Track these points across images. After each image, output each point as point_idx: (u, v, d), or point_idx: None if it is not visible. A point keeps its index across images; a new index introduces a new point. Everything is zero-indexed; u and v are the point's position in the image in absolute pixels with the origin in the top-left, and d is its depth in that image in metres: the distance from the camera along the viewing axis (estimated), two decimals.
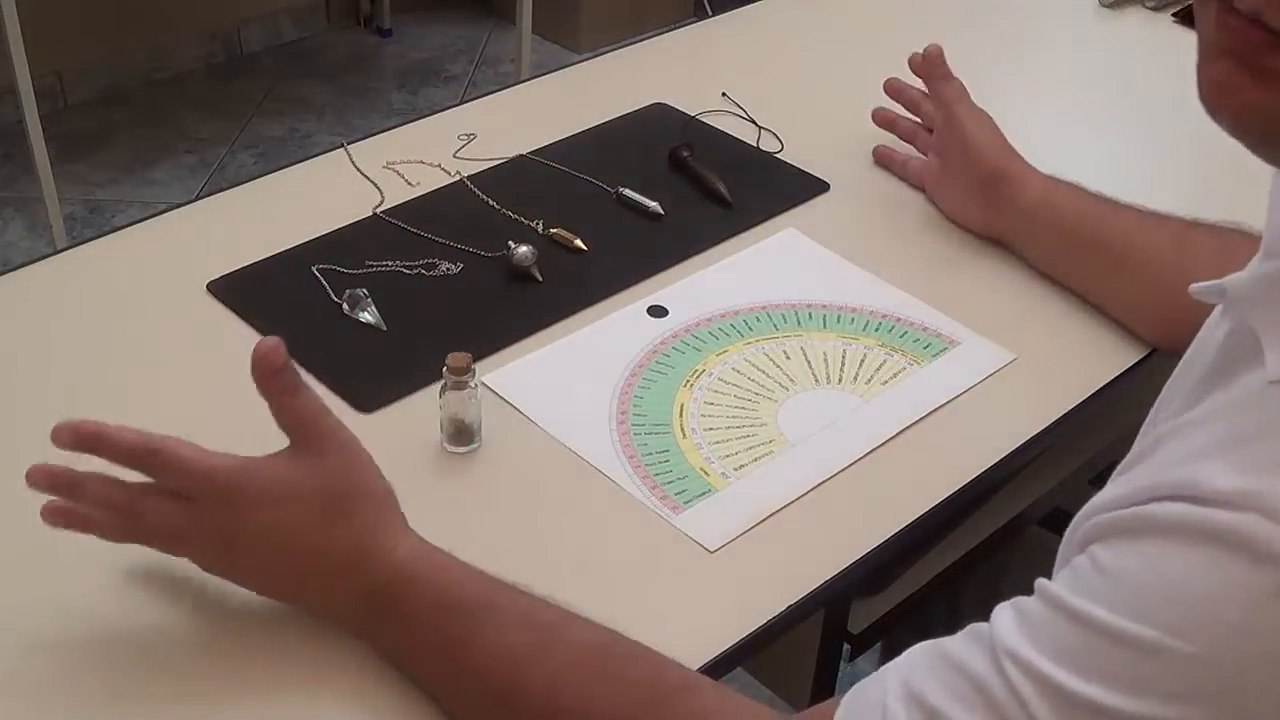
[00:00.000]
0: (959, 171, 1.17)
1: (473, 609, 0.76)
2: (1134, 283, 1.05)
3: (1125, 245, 1.06)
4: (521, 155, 1.29)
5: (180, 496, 0.77)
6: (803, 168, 1.28)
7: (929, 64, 1.20)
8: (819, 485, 0.94)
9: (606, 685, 0.72)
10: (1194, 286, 0.65)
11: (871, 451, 0.97)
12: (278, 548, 0.77)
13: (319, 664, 0.80)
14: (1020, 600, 0.60)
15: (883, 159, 1.27)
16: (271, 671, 0.80)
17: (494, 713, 0.75)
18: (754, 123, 1.36)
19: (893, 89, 1.28)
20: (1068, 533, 0.63)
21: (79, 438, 0.76)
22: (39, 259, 1.15)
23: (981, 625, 0.60)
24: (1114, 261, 1.07)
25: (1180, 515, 0.54)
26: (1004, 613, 0.60)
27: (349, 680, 0.79)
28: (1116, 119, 1.41)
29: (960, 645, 0.60)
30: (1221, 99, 0.57)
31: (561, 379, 1.02)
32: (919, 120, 1.26)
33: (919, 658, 0.62)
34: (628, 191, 1.23)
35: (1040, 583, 0.59)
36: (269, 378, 0.77)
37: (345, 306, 1.07)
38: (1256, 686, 0.51)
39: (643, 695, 0.72)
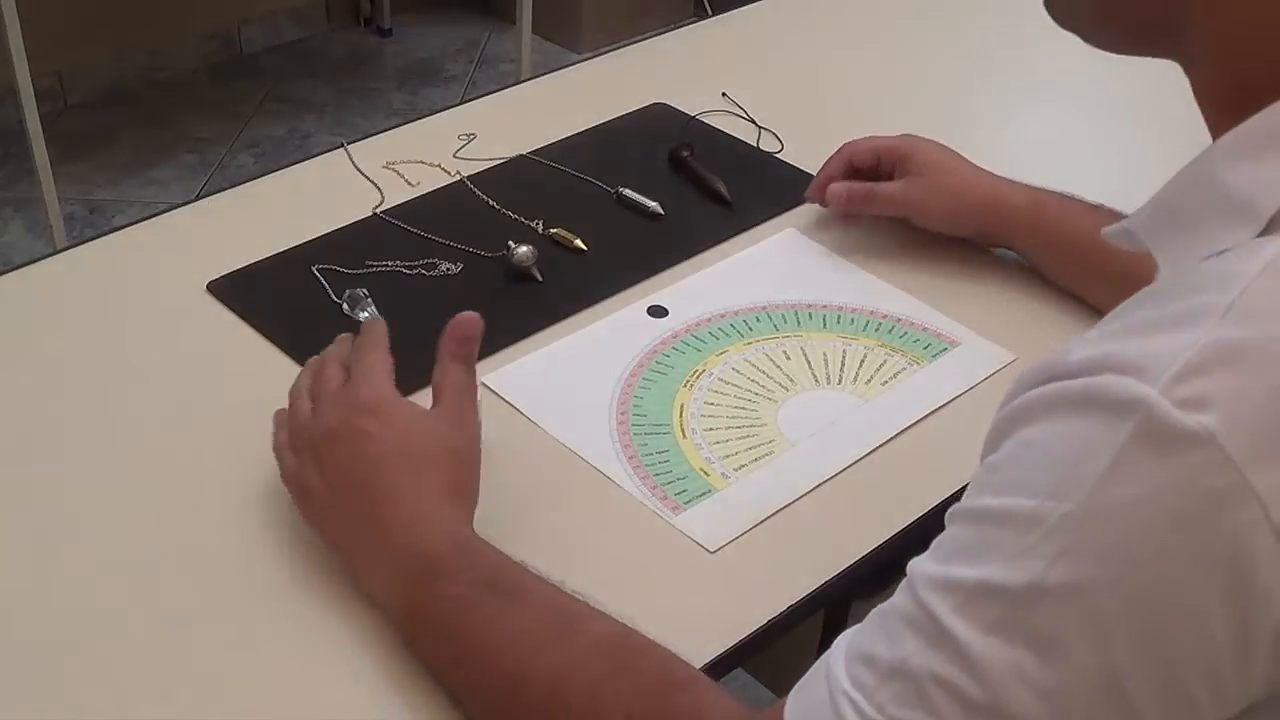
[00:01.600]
0: (941, 201, 1.14)
1: (505, 588, 0.78)
2: None
3: (1129, 262, 1.05)
4: (521, 155, 1.29)
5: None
6: (803, 168, 1.28)
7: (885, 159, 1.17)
8: (819, 485, 0.94)
9: (614, 678, 0.73)
10: (1105, 230, 0.68)
11: (871, 452, 0.97)
12: (359, 455, 0.82)
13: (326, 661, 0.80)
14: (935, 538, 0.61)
15: (841, 201, 1.17)
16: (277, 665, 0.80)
17: (499, 696, 0.75)
18: (754, 123, 1.36)
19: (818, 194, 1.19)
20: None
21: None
22: (39, 259, 1.16)
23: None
24: (1119, 279, 1.06)
25: (1045, 394, 0.56)
26: (921, 555, 0.61)
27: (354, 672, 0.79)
28: (1117, 119, 1.41)
29: (889, 599, 0.62)
30: None
31: (561, 379, 1.02)
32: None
33: (857, 625, 0.63)
34: (628, 191, 1.23)
35: (948, 510, 0.61)
36: (455, 341, 0.87)
37: (345, 306, 1.07)
38: (1130, 531, 0.53)
39: (647, 688, 0.73)
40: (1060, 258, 1.11)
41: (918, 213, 1.15)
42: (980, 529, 0.57)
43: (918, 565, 0.60)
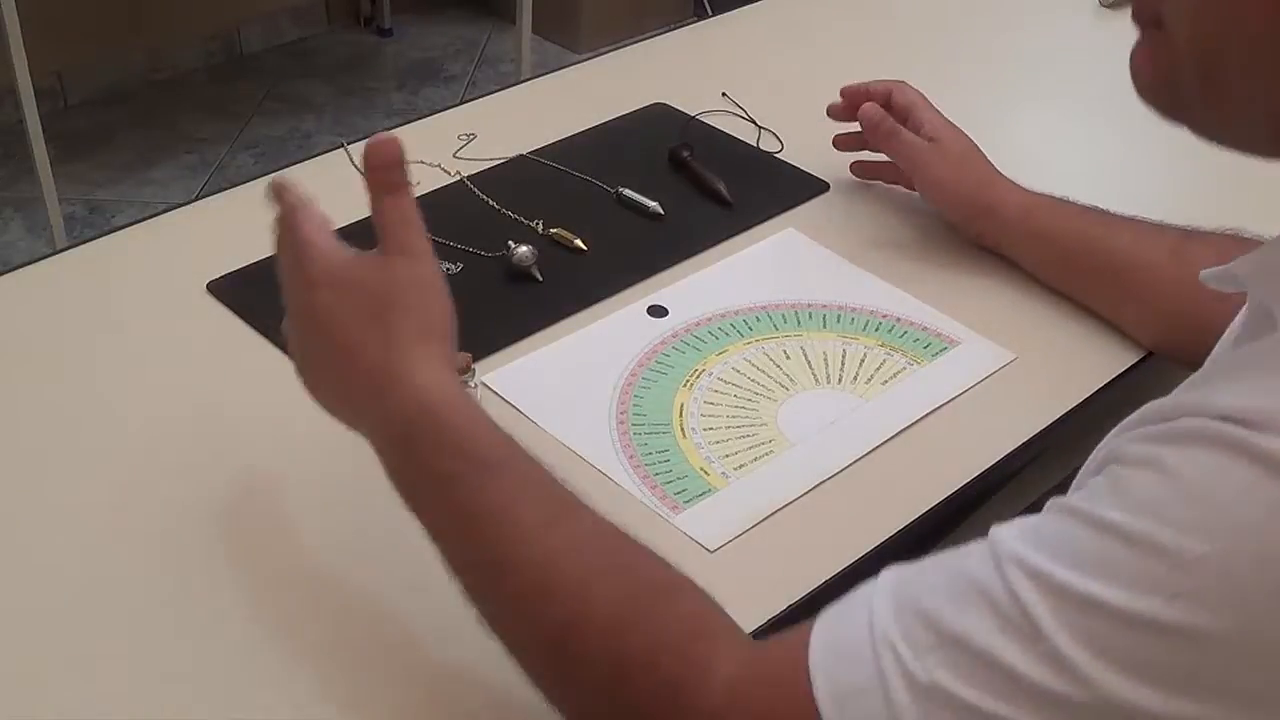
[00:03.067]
0: (948, 176, 1.15)
1: (489, 464, 0.72)
2: (1132, 298, 1.06)
3: (1121, 264, 1.05)
4: (521, 155, 1.29)
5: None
6: (803, 168, 1.28)
7: (899, 113, 1.17)
8: (819, 485, 0.94)
9: (603, 574, 0.69)
10: (1204, 273, 0.65)
11: (871, 451, 0.97)
12: (321, 330, 0.78)
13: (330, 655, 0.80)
14: (1024, 518, 0.59)
15: (871, 122, 1.18)
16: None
17: (489, 578, 0.71)
18: (754, 123, 1.36)
19: (848, 102, 1.21)
20: (1085, 465, 0.63)
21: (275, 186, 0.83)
22: (39, 259, 1.16)
23: (974, 543, 0.59)
24: (1110, 280, 1.07)
25: (1200, 427, 0.54)
26: (1006, 526, 0.59)
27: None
28: (1116, 119, 1.41)
29: (953, 554, 0.59)
30: (1132, 73, 0.62)
31: (561, 379, 1.02)
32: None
33: (912, 571, 0.60)
34: (628, 191, 1.23)
35: (1052, 500, 0.59)
36: (378, 171, 0.78)
37: None
38: (1266, 591, 0.51)
39: (643, 582, 0.69)
40: (1051, 260, 1.11)
41: (923, 177, 1.15)
42: (1099, 538, 0.55)
43: (1009, 543, 0.57)
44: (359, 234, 1.16)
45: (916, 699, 0.56)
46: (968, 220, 1.15)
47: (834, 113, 1.22)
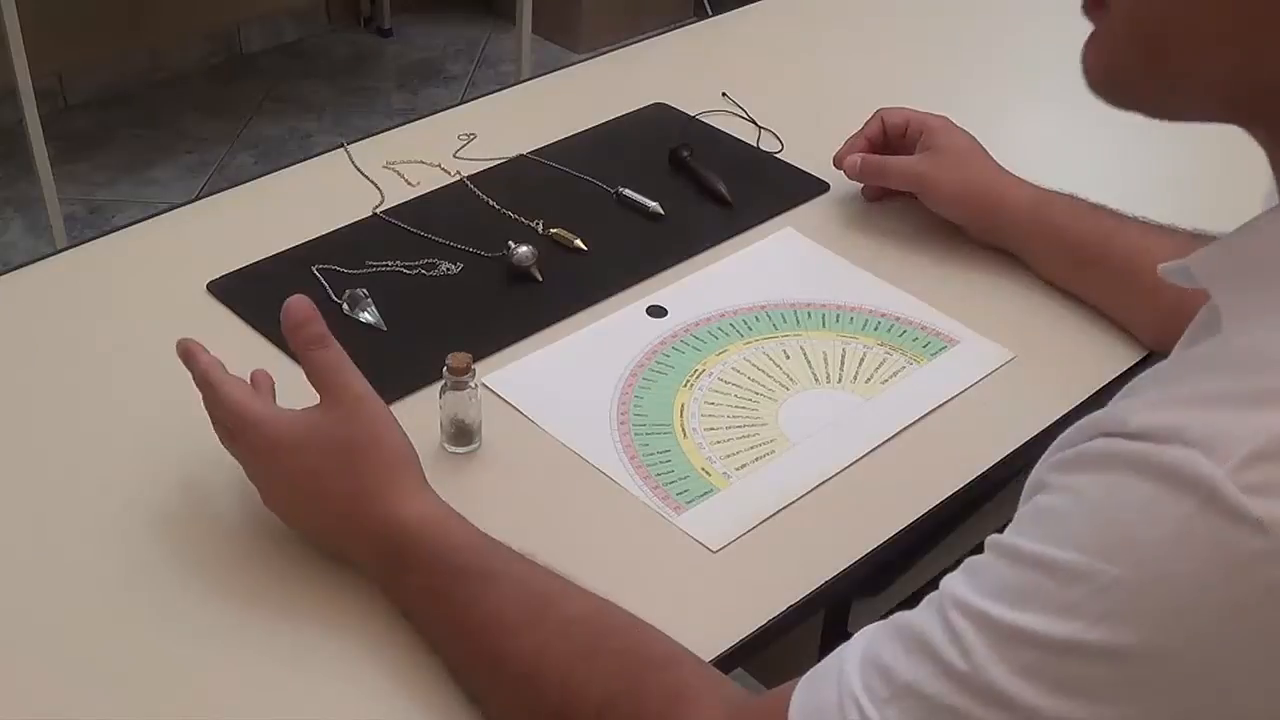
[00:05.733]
0: (948, 181, 1.16)
1: (472, 575, 0.78)
2: (1140, 297, 1.05)
3: (1131, 263, 1.05)
4: (521, 155, 1.29)
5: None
6: (803, 168, 1.28)
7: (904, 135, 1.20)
8: (820, 485, 0.94)
9: (589, 658, 0.74)
10: (1162, 267, 0.66)
11: (871, 451, 0.97)
12: (297, 490, 0.83)
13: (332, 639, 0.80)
14: (969, 559, 0.61)
15: (855, 171, 1.20)
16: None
17: (483, 676, 0.77)
18: (754, 123, 1.36)
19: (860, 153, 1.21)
20: (1024, 493, 0.64)
21: (180, 349, 0.88)
22: (39, 259, 1.16)
23: (929, 595, 0.62)
24: (1119, 278, 1.07)
25: (1107, 448, 0.55)
26: (953, 572, 0.61)
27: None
28: (1117, 120, 1.40)
29: (915, 610, 0.61)
30: (1083, 69, 0.66)
31: (561, 379, 1.02)
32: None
33: (877, 628, 0.63)
34: (628, 191, 1.23)
35: (989, 537, 0.60)
36: (295, 330, 0.84)
37: (345, 306, 1.07)
38: (1177, 607, 0.52)
39: (622, 668, 0.73)
40: (1061, 256, 1.11)
41: (924, 189, 1.16)
42: (1024, 572, 0.56)
43: (952, 588, 0.59)
44: (355, 236, 1.16)
45: None
46: (976, 219, 1.15)
47: (852, 174, 1.21)
